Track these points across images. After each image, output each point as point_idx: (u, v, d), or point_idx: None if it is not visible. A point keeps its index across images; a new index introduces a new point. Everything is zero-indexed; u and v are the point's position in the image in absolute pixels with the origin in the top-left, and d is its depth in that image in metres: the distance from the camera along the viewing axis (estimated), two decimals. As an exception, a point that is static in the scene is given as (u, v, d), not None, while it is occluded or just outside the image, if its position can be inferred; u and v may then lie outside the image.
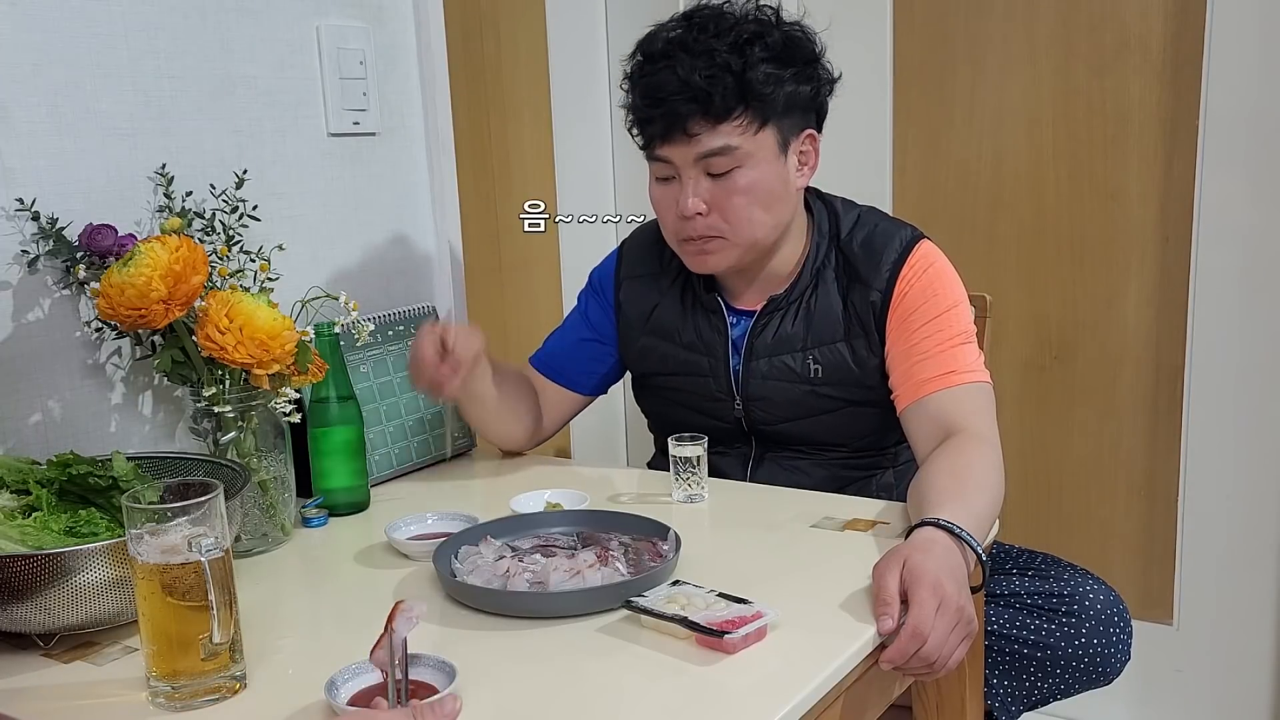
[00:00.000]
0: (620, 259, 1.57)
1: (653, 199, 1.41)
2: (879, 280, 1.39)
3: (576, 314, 1.60)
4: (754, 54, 1.29)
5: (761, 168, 1.33)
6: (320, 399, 1.38)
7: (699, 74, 1.28)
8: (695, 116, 1.29)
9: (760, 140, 1.32)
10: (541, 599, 1.04)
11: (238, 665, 0.93)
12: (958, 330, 1.36)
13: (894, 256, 1.39)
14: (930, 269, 1.39)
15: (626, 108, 1.38)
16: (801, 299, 1.42)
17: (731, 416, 1.48)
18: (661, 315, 1.50)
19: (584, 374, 1.58)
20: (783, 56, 1.32)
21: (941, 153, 2.10)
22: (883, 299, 1.39)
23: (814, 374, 1.42)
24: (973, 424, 1.29)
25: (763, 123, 1.32)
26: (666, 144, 1.33)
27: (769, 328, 1.43)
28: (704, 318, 1.47)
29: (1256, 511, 1.90)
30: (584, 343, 1.57)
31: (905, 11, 2.08)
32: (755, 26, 1.32)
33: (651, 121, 1.33)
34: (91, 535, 1.10)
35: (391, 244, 1.71)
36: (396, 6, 1.68)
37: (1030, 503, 2.10)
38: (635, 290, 1.53)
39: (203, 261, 1.19)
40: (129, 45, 1.34)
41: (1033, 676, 1.45)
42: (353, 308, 1.39)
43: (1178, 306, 1.93)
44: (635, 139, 1.39)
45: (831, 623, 1.01)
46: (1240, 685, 1.97)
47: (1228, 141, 1.83)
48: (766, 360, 1.44)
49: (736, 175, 1.32)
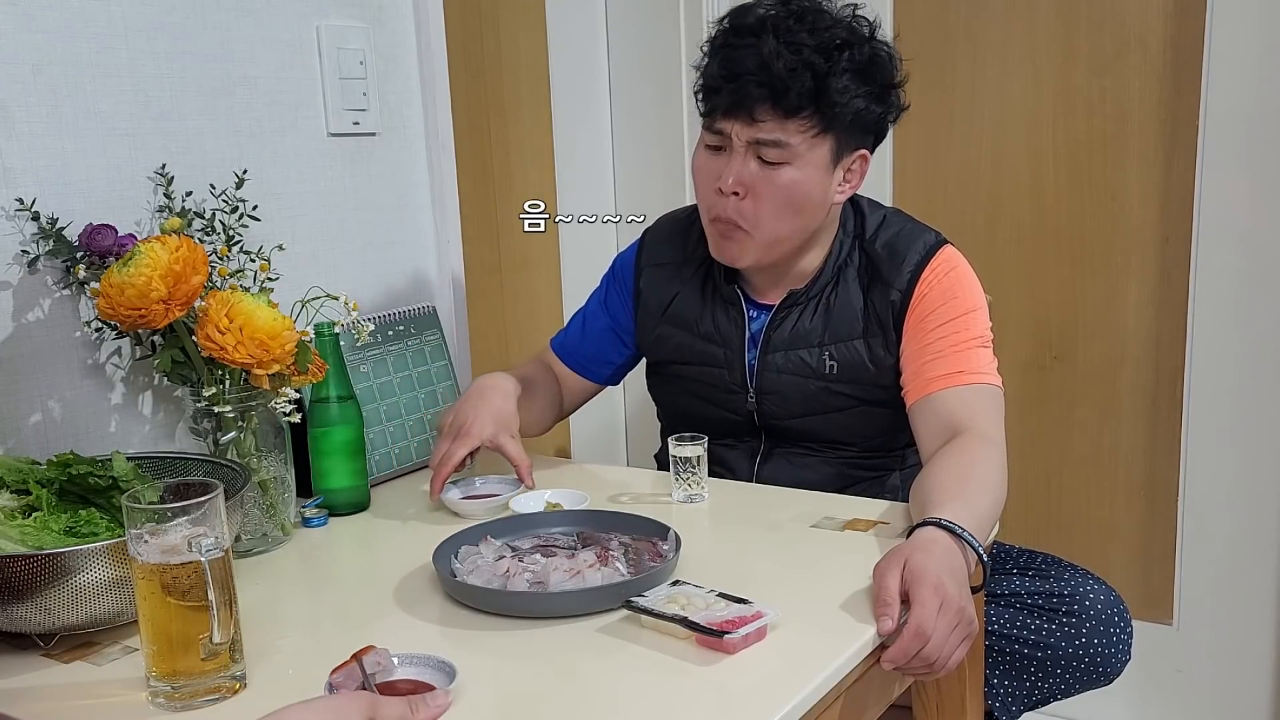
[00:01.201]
0: (642, 246, 1.57)
1: (695, 167, 1.40)
2: (900, 281, 1.39)
3: (597, 301, 1.61)
4: (840, 61, 1.28)
5: (808, 171, 1.32)
6: (320, 399, 1.38)
7: (782, 62, 1.26)
8: (765, 103, 1.28)
9: (817, 146, 1.32)
10: (541, 599, 1.04)
11: (238, 665, 0.93)
12: (974, 334, 1.36)
13: (917, 259, 1.39)
14: (952, 272, 1.39)
15: (698, 69, 1.36)
16: (822, 295, 1.43)
17: (744, 409, 1.48)
18: (681, 304, 1.50)
19: (602, 364, 1.60)
20: (865, 72, 1.31)
21: (941, 153, 2.10)
22: (903, 299, 1.39)
23: (829, 370, 1.42)
24: (979, 424, 1.29)
25: (825, 130, 1.31)
26: (727, 119, 1.32)
27: (787, 321, 1.44)
28: (723, 309, 1.48)
29: (1256, 511, 1.90)
30: (603, 332, 1.59)
31: (905, 11, 2.08)
32: (847, 34, 1.31)
33: (720, 93, 1.31)
34: (91, 535, 1.10)
35: (391, 244, 1.71)
36: (396, 6, 1.68)
37: (1030, 503, 2.10)
38: (656, 278, 1.53)
39: (203, 261, 1.19)
40: (129, 45, 1.34)
41: (1033, 676, 1.45)
42: (353, 308, 1.39)
43: (1178, 306, 1.93)
44: (699, 104, 1.37)
45: (831, 623, 1.01)
46: (1240, 685, 1.97)
47: (1228, 141, 1.83)
48: (783, 354, 1.44)
49: (783, 170, 1.32)
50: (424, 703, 0.82)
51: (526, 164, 2.35)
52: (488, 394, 1.41)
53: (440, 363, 1.66)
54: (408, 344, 1.61)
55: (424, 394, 1.62)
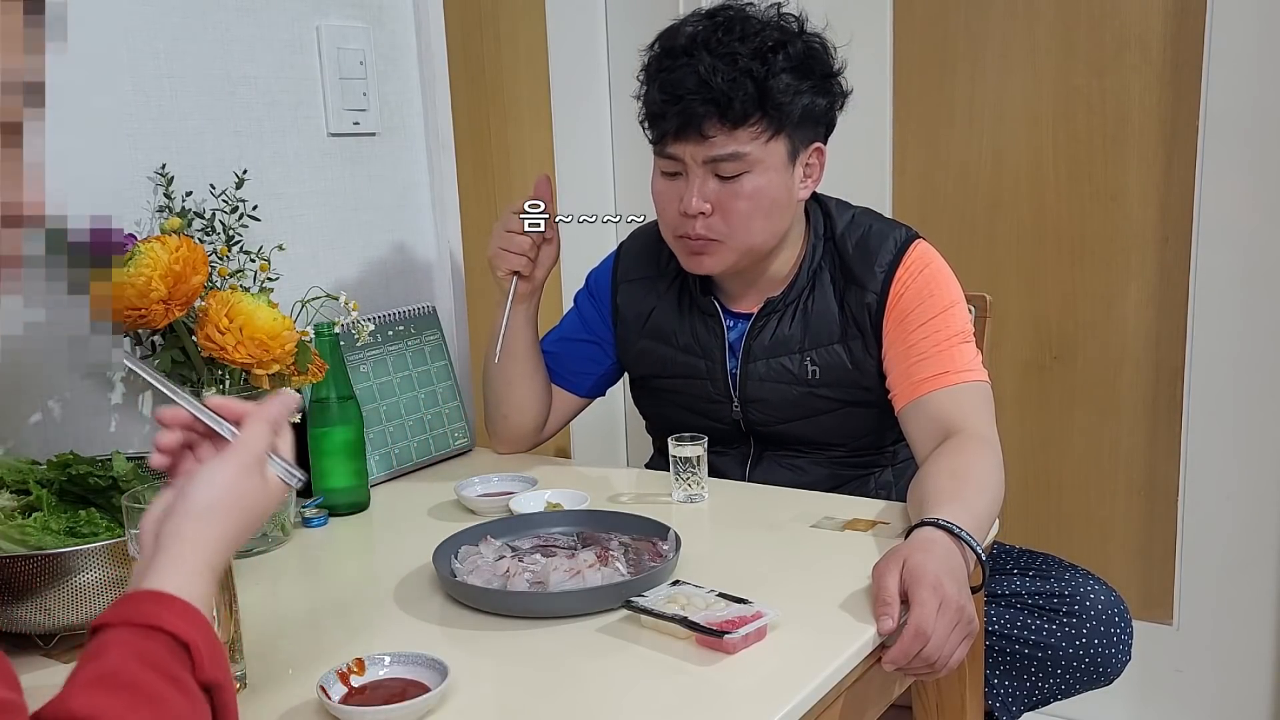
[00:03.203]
0: (617, 261, 1.57)
1: (655, 193, 1.40)
2: (874, 282, 1.39)
3: (573, 315, 1.61)
4: (776, 62, 1.28)
5: (769, 175, 1.32)
6: (320, 399, 1.38)
7: (720, 76, 1.26)
8: (712, 119, 1.28)
9: (771, 149, 1.31)
10: (541, 599, 1.04)
11: (238, 665, 0.93)
12: (955, 330, 1.36)
13: (889, 258, 1.39)
14: (926, 269, 1.39)
15: (639, 99, 1.36)
16: (799, 301, 1.43)
17: (729, 418, 1.48)
18: (658, 318, 1.50)
19: (581, 375, 1.58)
20: (803, 68, 1.31)
21: (941, 153, 2.10)
22: (879, 301, 1.39)
23: (811, 375, 1.42)
24: (972, 424, 1.29)
25: (776, 132, 1.31)
26: (679, 142, 1.32)
27: (766, 329, 1.43)
28: (700, 321, 1.48)
29: (1256, 511, 1.90)
30: (581, 344, 1.58)
31: (905, 11, 2.08)
32: (779, 34, 1.31)
33: (666, 118, 1.31)
34: (91, 535, 1.10)
35: (391, 244, 1.71)
36: (396, 6, 1.68)
37: (1030, 503, 2.10)
38: (632, 293, 1.53)
39: (203, 261, 1.19)
40: (129, 45, 1.34)
41: (1033, 676, 1.45)
42: (353, 308, 1.39)
43: (1178, 306, 1.93)
44: (646, 133, 1.37)
45: (831, 623, 1.01)
46: (1240, 685, 1.97)
47: (1228, 141, 1.83)
48: (764, 362, 1.44)
49: (744, 180, 1.32)
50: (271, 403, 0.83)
51: (526, 164, 2.35)
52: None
53: (440, 363, 1.66)
54: (408, 344, 1.61)
55: (424, 394, 1.62)
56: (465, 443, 1.66)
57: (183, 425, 0.83)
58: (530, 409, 1.55)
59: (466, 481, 1.41)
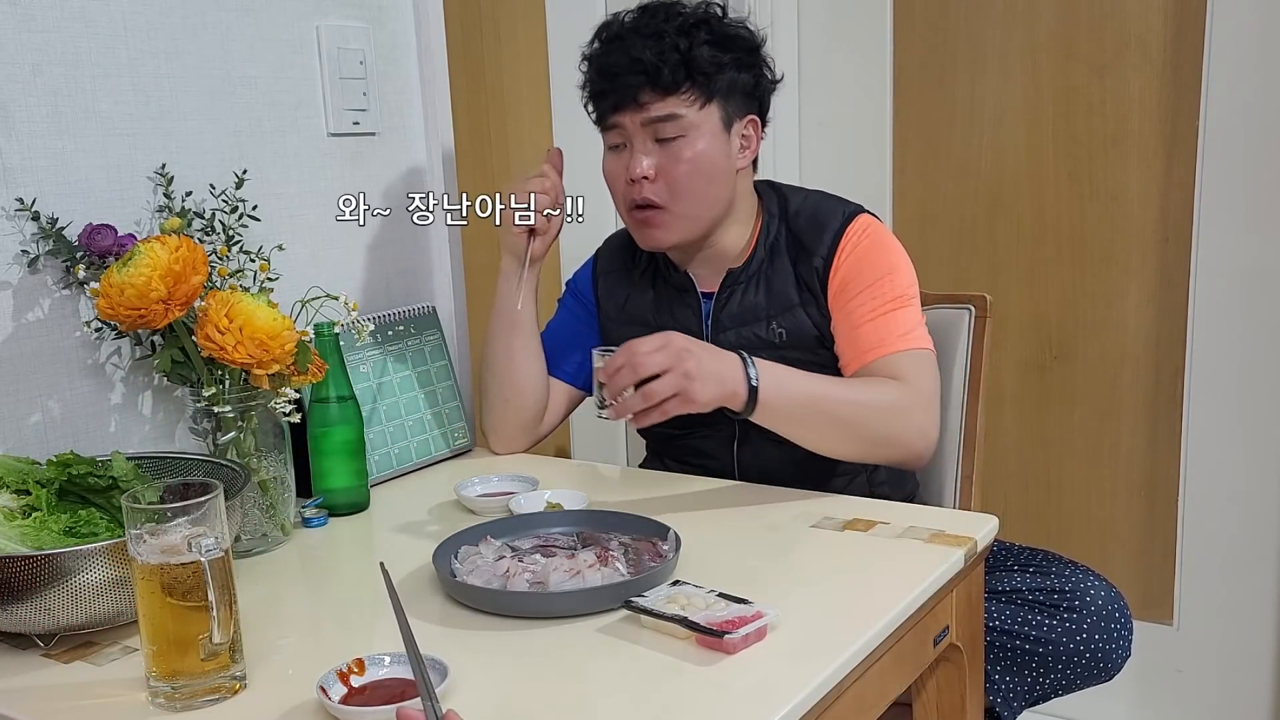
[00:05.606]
0: (596, 260, 1.64)
1: (605, 173, 1.49)
2: (821, 248, 1.46)
3: (561, 312, 1.66)
4: (699, 36, 1.40)
5: (706, 139, 1.41)
6: (320, 399, 1.38)
7: (649, 51, 1.38)
8: (645, 88, 1.39)
9: (705, 114, 1.41)
10: (541, 599, 1.04)
11: (238, 665, 0.93)
12: (894, 294, 1.41)
13: (835, 226, 1.46)
14: (867, 237, 1.45)
15: (582, 86, 1.48)
16: (760, 272, 1.49)
17: None
18: (635, 304, 1.56)
19: (575, 365, 1.60)
20: (725, 43, 1.42)
21: (941, 153, 2.10)
22: (824, 265, 1.45)
23: (779, 339, 1.47)
24: (912, 379, 1.37)
25: (707, 99, 1.41)
26: (618, 112, 1.42)
27: (732, 299, 1.49)
28: (676, 297, 1.53)
29: (1256, 511, 1.90)
30: (571, 335, 1.61)
31: (905, 12, 2.08)
32: (702, 14, 1.44)
33: (605, 95, 1.44)
34: (91, 535, 1.10)
35: (391, 244, 1.71)
36: (396, 6, 1.68)
37: (1030, 502, 2.10)
38: (610, 284, 1.60)
39: (202, 261, 1.19)
40: (129, 45, 1.34)
41: (1034, 672, 1.45)
42: (353, 308, 1.39)
43: (1178, 306, 1.93)
44: (590, 115, 1.49)
45: (831, 623, 1.01)
46: (1240, 685, 1.97)
47: (1228, 141, 1.83)
48: (734, 331, 1.48)
49: (682, 145, 1.40)
50: None
51: (526, 164, 2.35)
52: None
53: (440, 363, 1.66)
54: (408, 344, 1.61)
55: (424, 394, 1.62)
56: (465, 443, 1.66)
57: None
58: (530, 392, 1.55)
59: (466, 481, 1.41)
